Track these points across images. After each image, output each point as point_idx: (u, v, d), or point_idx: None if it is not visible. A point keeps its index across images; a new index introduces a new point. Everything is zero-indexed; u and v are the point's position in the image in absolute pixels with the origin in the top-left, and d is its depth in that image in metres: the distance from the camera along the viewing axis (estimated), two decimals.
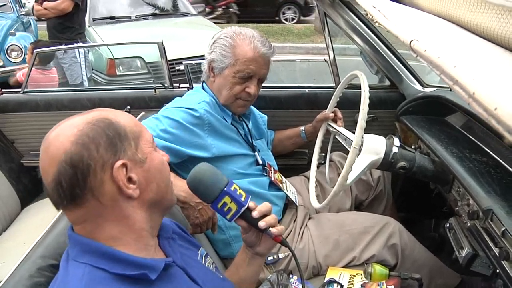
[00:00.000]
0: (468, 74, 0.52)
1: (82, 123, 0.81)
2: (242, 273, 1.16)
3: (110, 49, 4.68)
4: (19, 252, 1.06)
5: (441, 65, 0.57)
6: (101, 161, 0.79)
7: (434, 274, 1.65)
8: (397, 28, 0.73)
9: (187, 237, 1.12)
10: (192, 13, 6.33)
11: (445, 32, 0.70)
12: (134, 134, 0.86)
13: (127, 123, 0.86)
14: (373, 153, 1.53)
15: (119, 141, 0.82)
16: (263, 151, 1.80)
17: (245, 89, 1.59)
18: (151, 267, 0.83)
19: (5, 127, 2.44)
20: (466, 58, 0.56)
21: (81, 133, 0.79)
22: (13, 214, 2.29)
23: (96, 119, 0.82)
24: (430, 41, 0.64)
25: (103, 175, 0.79)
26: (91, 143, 0.79)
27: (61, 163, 0.77)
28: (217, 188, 1.03)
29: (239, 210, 1.04)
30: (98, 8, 5.78)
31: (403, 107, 1.99)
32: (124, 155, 0.82)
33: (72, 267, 0.80)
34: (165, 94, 2.26)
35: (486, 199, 1.21)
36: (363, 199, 1.96)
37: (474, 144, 1.58)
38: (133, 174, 0.83)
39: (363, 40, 2.07)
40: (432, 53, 0.60)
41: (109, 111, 0.87)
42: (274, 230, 1.05)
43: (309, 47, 8.81)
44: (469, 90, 0.50)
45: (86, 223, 0.83)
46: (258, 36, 1.61)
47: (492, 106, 0.45)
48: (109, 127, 0.82)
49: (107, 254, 0.81)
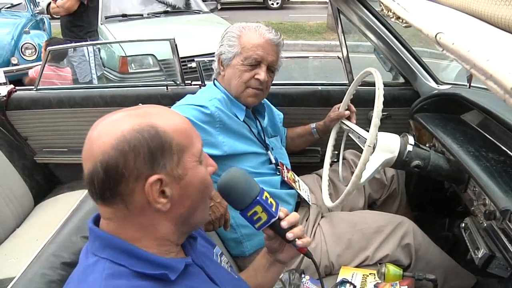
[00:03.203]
0: (503, 68, 0.49)
1: (128, 127, 0.77)
2: (260, 278, 1.14)
3: (122, 47, 4.70)
4: (32, 249, 1.07)
5: (472, 59, 0.54)
6: (136, 172, 0.76)
7: (449, 275, 1.62)
8: (420, 21, 0.71)
9: (204, 235, 1.11)
10: (204, 11, 6.33)
11: (470, 25, 0.67)
12: (181, 147, 0.81)
13: (176, 134, 0.81)
14: (387, 152, 1.51)
15: (160, 154, 0.78)
16: (276, 149, 1.79)
17: (255, 75, 1.58)
18: (171, 268, 0.82)
19: (19, 124, 2.46)
20: (498, 52, 0.53)
21: (124, 139, 0.75)
22: (26, 211, 2.32)
23: (143, 126, 0.77)
24: (456, 34, 0.61)
25: (135, 185, 0.77)
26: (130, 151, 0.75)
27: (97, 163, 0.75)
28: (249, 197, 0.99)
29: (269, 221, 1.00)
30: (110, 6, 5.82)
31: (417, 104, 1.96)
32: (162, 169, 0.78)
33: (92, 261, 0.80)
34: (176, 92, 2.25)
35: (504, 199, 1.18)
36: (377, 198, 1.94)
37: (491, 142, 1.55)
38: (167, 188, 0.79)
39: (377, 37, 2.04)
40: (462, 46, 0.57)
41: (158, 114, 0.82)
42: (299, 242, 1.02)
43: (321, 44, 8.78)
44: (506, 85, 0.47)
45: (112, 220, 0.82)
46: (263, 25, 1.63)
47: None
48: (154, 138, 0.77)
49: (128, 252, 0.80)
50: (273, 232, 1.03)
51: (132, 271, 0.78)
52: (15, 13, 6.30)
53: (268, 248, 1.11)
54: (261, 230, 1.02)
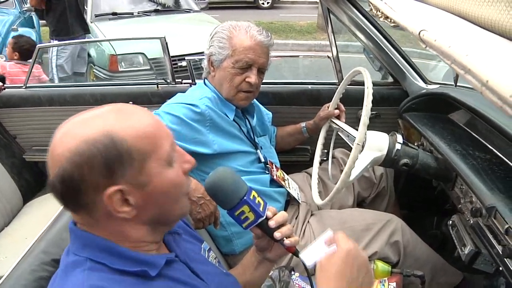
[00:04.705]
0: (481, 62, 0.50)
1: (82, 138, 0.74)
2: (249, 276, 1.14)
3: (112, 45, 4.67)
4: (21, 247, 1.07)
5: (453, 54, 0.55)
6: (93, 183, 0.74)
7: (436, 272, 1.65)
8: (405, 20, 0.72)
9: (191, 231, 1.11)
10: (194, 9, 6.32)
11: (453, 24, 0.69)
12: (142, 153, 0.77)
13: (137, 140, 0.76)
14: (376, 150, 1.53)
15: (118, 164, 0.75)
16: (265, 148, 1.80)
17: (246, 79, 1.59)
18: (152, 264, 0.82)
19: (7, 122, 2.44)
20: (478, 48, 0.55)
21: (77, 152, 0.73)
22: (15, 209, 2.30)
23: (99, 137, 0.74)
24: (439, 31, 0.63)
25: (95, 197, 0.75)
26: (84, 164, 0.73)
27: (55, 175, 0.74)
28: (236, 197, 0.98)
29: (256, 220, 1.00)
30: (100, 4, 5.78)
31: (406, 104, 1.99)
32: (121, 179, 0.75)
33: (72, 260, 0.80)
34: (167, 90, 2.25)
35: (490, 196, 1.20)
36: (366, 196, 1.96)
37: (477, 141, 1.57)
38: (130, 197, 0.77)
39: (366, 37, 2.06)
40: (443, 43, 0.58)
41: (122, 117, 0.78)
42: (287, 241, 1.01)
43: (312, 44, 8.81)
44: (482, 78, 0.49)
45: (84, 225, 0.82)
46: (254, 26, 1.62)
47: (507, 93, 0.44)
48: (109, 149, 0.74)
49: (107, 250, 0.80)
50: (261, 231, 1.03)
51: (112, 269, 0.78)
52: (3, 10, 6.25)
53: (256, 247, 1.11)
54: (248, 229, 1.03)
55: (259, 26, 1.65)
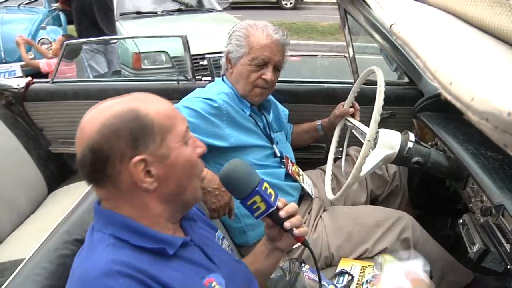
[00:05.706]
0: (447, 63, 0.53)
1: (110, 113, 0.83)
2: (259, 264, 1.18)
3: (136, 43, 4.77)
4: (45, 233, 1.12)
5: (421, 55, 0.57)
6: (120, 153, 0.82)
7: (446, 271, 1.65)
8: (384, 15, 0.75)
9: (206, 220, 1.17)
10: (217, 9, 6.39)
11: (437, 23, 0.71)
12: (163, 128, 0.86)
13: (158, 116, 0.86)
14: (388, 148, 1.55)
15: (142, 136, 0.83)
16: (281, 143, 1.84)
17: (261, 76, 1.63)
18: (170, 243, 0.89)
19: (35, 115, 2.54)
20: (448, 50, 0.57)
21: (106, 123, 0.82)
22: (40, 198, 2.40)
23: (125, 111, 0.84)
24: (411, 26, 0.65)
25: (121, 167, 0.83)
26: (112, 135, 0.82)
27: (85, 147, 0.83)
28: (249, 187, 1.04)
29: (267, 210, 1.05)
30: (125, 4, 5.91)
31: (420, 104, 1.99)
32: (145, 150, 0.84)
33: (97, 237, 0.86)
34: (187, 86, 2.31)
35: (499, 195, 1.21)
36: (379, 194, 1.97)
37: (490, 141, 1.56)
38: (152, 168, 0.85)
39: (382, 37, 2.08)
40: (412, 39, 0.60)
41: (143, 100, 0.88)
42: (296, 231, 1.06)
43: (334, 45, 8.75)
44: (431, 69, 0.51)
45: (108, 200, 0.89)
46: (270, 25, 1.66)
47: (469, 97, 0.47)
48: (134, 120, 0.83)
49: (130, 227, 0.86)
50: (272, 221, 1.07)
51: (133, 246, 0.85)
52: (33, 9, 6.42)
53: (267, 236, 1.16)
54: (260, 219, 1.07)
55: (275, 26, 1.69)
